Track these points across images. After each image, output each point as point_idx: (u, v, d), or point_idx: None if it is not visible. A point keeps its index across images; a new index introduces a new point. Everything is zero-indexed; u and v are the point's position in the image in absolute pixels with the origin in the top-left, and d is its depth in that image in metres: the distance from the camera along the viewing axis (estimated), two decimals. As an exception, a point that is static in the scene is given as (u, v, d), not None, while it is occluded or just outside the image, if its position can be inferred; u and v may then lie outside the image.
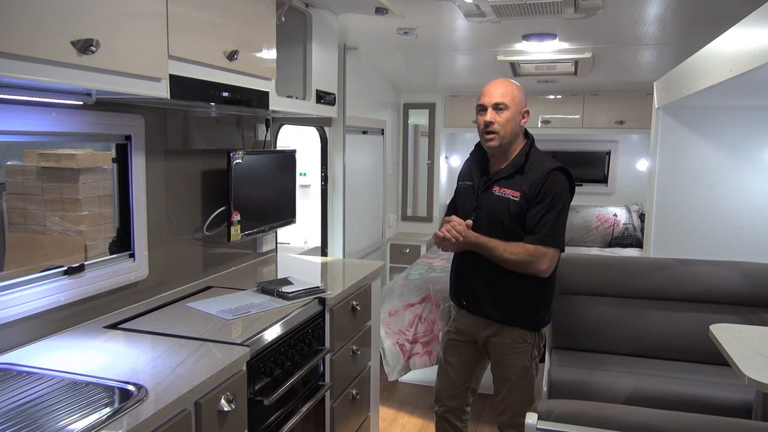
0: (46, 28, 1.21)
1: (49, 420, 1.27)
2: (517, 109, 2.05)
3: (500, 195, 2.06)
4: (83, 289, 1.79)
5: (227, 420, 1.52)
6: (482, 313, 2.14)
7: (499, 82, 2.08)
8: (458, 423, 2.33)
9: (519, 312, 2.09)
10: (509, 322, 2.10)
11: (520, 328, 2.10)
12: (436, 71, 4.65)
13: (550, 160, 2.07)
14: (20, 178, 2.12)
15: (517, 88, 2.08)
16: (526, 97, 2.11)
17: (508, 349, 2.12)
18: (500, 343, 2.13)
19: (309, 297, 2.12)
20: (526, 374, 2.13)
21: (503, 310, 2.09)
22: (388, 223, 5.04)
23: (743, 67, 1.84)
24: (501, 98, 2.04)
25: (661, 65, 3.71)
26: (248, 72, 1.98)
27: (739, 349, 1.84)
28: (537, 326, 2.13)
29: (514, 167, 2.06)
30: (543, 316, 2.15)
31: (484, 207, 2.10)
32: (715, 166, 3.24)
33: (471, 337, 2.22)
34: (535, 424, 1.57)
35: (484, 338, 2.17)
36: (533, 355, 2.13)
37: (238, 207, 2.33)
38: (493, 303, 2.10)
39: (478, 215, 2.10)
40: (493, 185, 2.09)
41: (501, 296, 2.09)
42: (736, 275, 2.77)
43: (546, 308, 2.16)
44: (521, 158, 2.06)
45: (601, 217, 5.13)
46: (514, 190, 2.03)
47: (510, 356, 2.12)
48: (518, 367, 2.12)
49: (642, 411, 1.62)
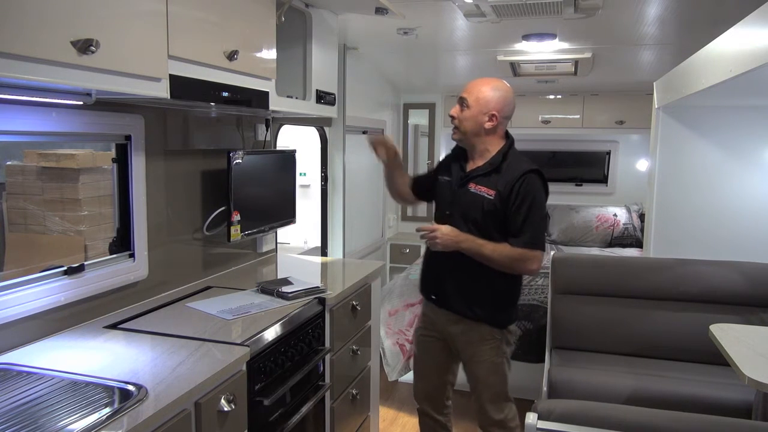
0: (46, 29, 1.21)
1: (49, 420, 1.27)
2: (479, 110, 2.08)
3: (475, 192, 2.10)
4: (83, 289, 1.79)
5: (227, 420, 1.52)
6: (450, 308, 2.18)
7: (477, 81, 2.12)
8: (440, 417, 2.38)
9: (486, 309, 2.13)
10: (476, 317, 2.14)
11: (487, 325, 2.14)
12: (436, 71, 4.65)
13: (527, 161, 2.11)
14: (20, 178, 2.12)
15: (492, 90, 2.09)
16: (507, 101, 2.10)
17: (477, 346, 2.16)
18: (468, 341, 2.17)
19: (309, 297, 2.12)
20: (497, 370, 2.16)
21: (470, 306, 2.13)
22: (388, 223, 5.04)
23: (743, 67, 1.84)
24: (466, 96, 2.11)
25: (661, 65, 3.71)
26: (248, 72, 1.98)
27: (739, 349, 1.84)
28: (503, 324, 2.17)
29: (491, 166, 2.10)
30: (510, 315, 2.20)
31: (459, 202, 2.14)
32: (715, 166, 3.24)
33: (441, 333, 2.26)
34: (535, 424, 1.57)
35: (453, 337, 2.21)
36: (502, 351, 2.17)
37: (238, 207, 2.33)
38: (462, 299, 2.14)
39: (452, 210, 2.15)
40: (469, 182, 2.13)
41: (469, 293, 2.14)
42: (736, 275, 2.77)
43: (512, 307, 2.21)
44: (499, 158, 2.10)
45: (601, 217, 5.13)
46: (489, 188, 2.07)
47: (479, 353, 2.16)
48: (488, 363, 2.16)
49: (642, 411, 1.62)
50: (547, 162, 5.68)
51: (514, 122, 2.22)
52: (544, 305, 3.22)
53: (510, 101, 2.11)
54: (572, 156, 5.54)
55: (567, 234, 5.14)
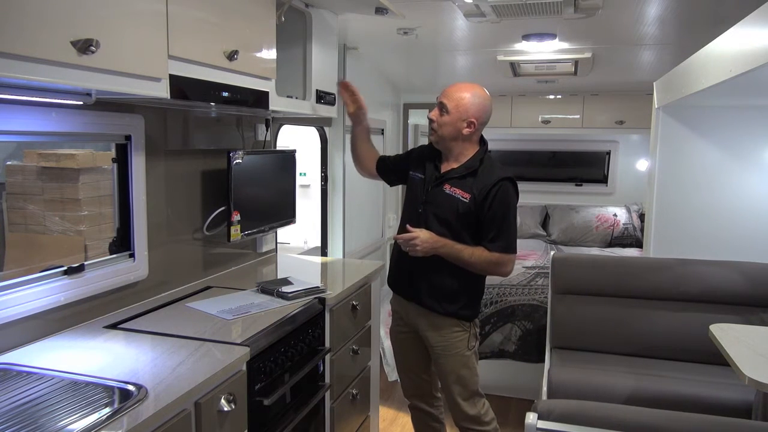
0: (46, 29, 1.21)
1: (49, 420, 1.27)
2: (459, 116, 2.10)
3: (450, 193, 2.13)
4: (83, 289, 1.79)
5: (227, 420, 1.52)
6: (419, 301, 2.22)
7: (456, 87, 2.14)
8: (431, 409, 2.43)
9: (454, 304, 2.18)
10: (444, 312, 2.18)
11: (455, 319, 2.19)
12: (436, 71, 4.64)
13: (501, 168, 2.16)
14: (20, 178, 2.12)
15: (471, 97, 2.10)
16: (485, 108, 2.13)
17: (447, 339, 2.20)
18: (437, 335, 2.21)
19: (309, 297, 2.12)
20: (466, 363, 2.21)
21: (439, 301, 2.18)
22: (388, 223, 5.04)
23: (743, 67, 1.84)
24: (446, 101, 2.12)
25: (661, 65, 3.71)
26: (248, 72, 1.98)
27: (738, 349, 1.84)
28: (469, 317, 2.22)
29: (467, 169, 2.14)
30: (476, 309, 2.25)
31: (432, 202, 2.17)
32: (715, 166, 3.24)
33: (412, 327, 2.30)
34: (535, 424, 1.57)
35: (422, 329, 2.25)
36: (470, 344, 2.22)
37: (238, 207, 2.33)
38: (431, 294, 2.19)
39: (426, 209, 2.17)
40: (444, 183, 2.15)
41: (439, 289, 2.18)
42: (736, 275, 2.77)
43: (478, 302, 2.27)
44: (475, 162, 2.14)
45: (601, 217, 5.13)
46: (465, 191, 2.11)
47: (448, 347, 2.20)
48: (458, 356, 2.21)
49: (642, 411, 1.62)
50: (547, 162, 5.69)
51: (514, 122, 2.23)
52: (544, 305, 3.22)
53: (488, 109, 2.15)
54: (572, 156, 5.54)
55: (567, 234, 5.14)
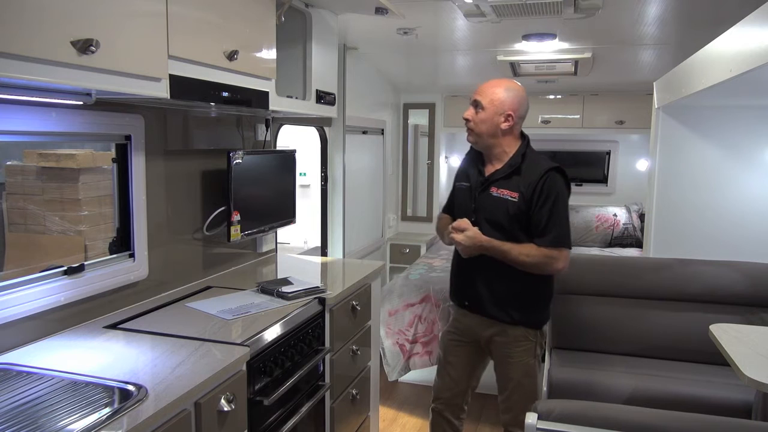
0: (46, 28, 1.21)
1: (49, 420, 1.27)
2: (495, 111, 2.07)
3: (498, 195, 2.07)
4: (83, 289, 1.79)
5: (227, 420, 1.52)
6: (484, 313, 2.15)
7: (490, 83, 2.11)
8: (455, 421, 2.34)
9: (521, 311, 2.10)
10: (511, 321, 2.11)
11: (523, 327, 2.11)
12: (436, 71, 4.65)
13: (546, 160, 2.09)
14: (20, 178, 2.12)
15: (505, 90, 2.08)
16: (521, 101, 2.10)
17: (512, 347, 2.13)
18: (504, 341, 2.14)
19: (309, 297, 2.12)
20: (530, 372, 2.14)
21: (505, 309, 2.11)
22: (388, 223, 5.04)
23: (743, 67, 1.84)
24: (480, 98, 2.09)
25: (661, 65, 3.71)
26: (248, 72, 1.98)
27: (738, 349, 1.84)
28: (538, 324, 2.15)
29: (510, 168, 2.08)
30: (544, 314, 2.18)
31: (482, 208, 2.11)
32: (715, 166, 3.24)
33: (472, 337, 2.23)
34: (535, 424, 1.57)
35: (486, 337, 2.18)
36: (536, 353, 2.14)
37: (238, 207, 2.33)
38: (495, 303, 2.11)
39: (477, 217, 2.11)
40: (490, 186, 2.10)
41: (503, 296, 2.11)
42: (736, 275, 2.77)
43: (546, 306, 2.19)
44: (518, 159, 2.08)
45: (600, 217, 5.13)
46: (512, 191, 2.05)
47: (513, 355, 2.13)
48: (522, 365, 2.13)
49: (642, 411, 1.61)
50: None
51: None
52: (544, 305, 3.22)
53: (524, 100, 2.11)
54: (572, 156, 5.53)
55: (566, 234, 5.14)
